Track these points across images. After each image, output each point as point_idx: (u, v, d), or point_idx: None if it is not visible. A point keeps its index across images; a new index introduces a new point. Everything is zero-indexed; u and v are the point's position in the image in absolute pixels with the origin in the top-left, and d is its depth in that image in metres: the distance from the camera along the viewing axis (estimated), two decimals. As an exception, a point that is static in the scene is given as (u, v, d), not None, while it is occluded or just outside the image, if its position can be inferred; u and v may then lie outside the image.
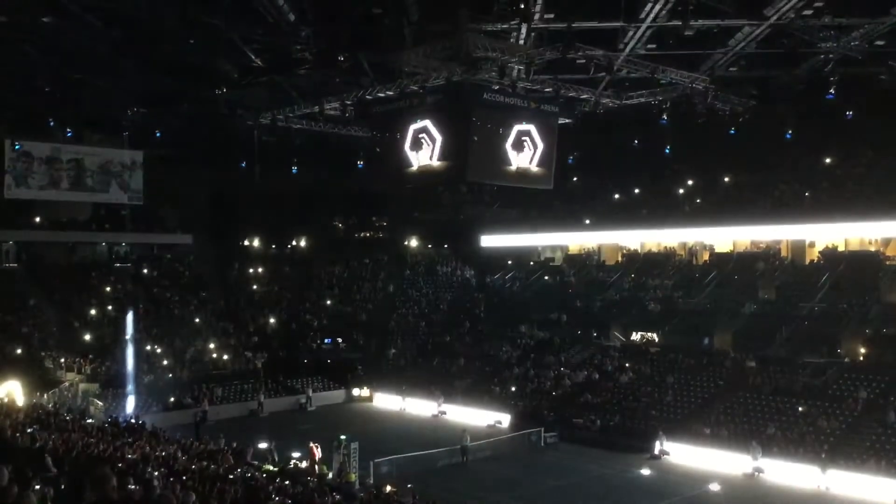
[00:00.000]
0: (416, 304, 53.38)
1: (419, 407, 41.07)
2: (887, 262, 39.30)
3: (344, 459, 27.11)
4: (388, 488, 22.49)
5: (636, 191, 51.32)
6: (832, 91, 32.67)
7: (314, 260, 58.41)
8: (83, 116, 43.64)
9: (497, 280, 53.72)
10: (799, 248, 43.17)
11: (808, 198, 42.28)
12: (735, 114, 35.85)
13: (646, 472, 29.36)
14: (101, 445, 18.21)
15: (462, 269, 56.85)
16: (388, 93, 29.47)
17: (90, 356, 40.05)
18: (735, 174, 46.83)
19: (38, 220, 47.48)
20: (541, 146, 28.91)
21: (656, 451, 31.62)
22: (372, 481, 25.28)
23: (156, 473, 14.25)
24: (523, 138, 28.39)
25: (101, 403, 34.99)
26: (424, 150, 27.89)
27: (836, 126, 40.41)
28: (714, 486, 26.85)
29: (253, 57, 31.43)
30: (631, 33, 27.21)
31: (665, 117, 33.66)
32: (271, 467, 22.80)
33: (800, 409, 31.68)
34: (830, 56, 30.68)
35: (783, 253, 43.90)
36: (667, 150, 43.27)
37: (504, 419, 37.64)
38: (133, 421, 30.63)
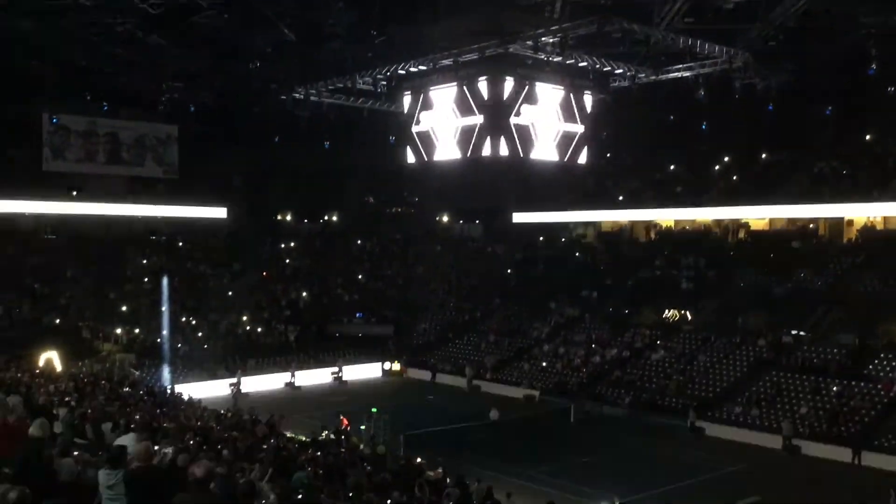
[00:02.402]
0: (446, 280, 53.46)
1: (449, 381, 41.30)
2: (928, 242, 38.59)
3: (375, 432, 27.40)
4: (418, 460, 22.70)
5: (671, 167, 50.70)
6: (873, 66, 31.93)
7: (346, 235, 58.71)
8: (119, 91, 44.02)
9: (528, 257, 53.55)
10: (836, 226, 42.45)
11: (847, 175, 41.49)
12: (773, 89, 35.17)
13: (675, 449, 29.29)
14: (139, 415, 18.56)
15: (493, 246, 56.74)
16: (420, 67, 29.31)
17: (126, 327, 40.75)
18: (772, 151, 46.04)
19: (75, 192, 48.13)
20: (574, 122, 28.63)
21: (686, 429, 31.53)
22: (402, 453, 25.48)
23: (191, 442, 14.51)
24: (557, 113, 28.12)
25: (137, 373, 35.62)
26: (457, 124, 27.75)
27: (876, 102, 39.57)
28: (743, 465, 26.75)
29: (286, 31, 31.42)
30: (668, 7, 26.75)
31: (702, 93, 33.09)
32: (303, 438, 23.11)
33: (834, 388, 31.37)
34: (872, 31, 29.94)
35: (820, 231, 43.21)
36: (703, 127, 42.62)
37: (534, 395, 37.74)
38: (169, 391, 31.22)
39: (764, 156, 46.65)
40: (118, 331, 40.21)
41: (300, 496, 10.36)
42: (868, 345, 33.31)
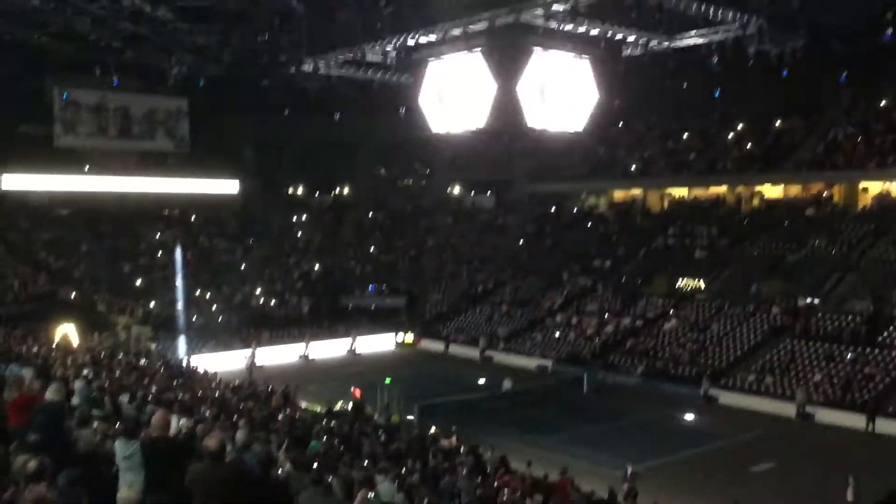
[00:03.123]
0: (458, 251, 53.47)
1: (462, 352, 41.44)
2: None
3: (389, 402, 27.58)
4: (432, 429, 22.87)
5: (684, 136, 50.25)
6: (888, 32, 31.47)
7: (357, 207, 58.75)
8: (128, 65, 43.95)
9: (540, 227, 53.42)
10: (851, 193, 42.07)
11: (862, 142, 41.03)
12: (787, 55, 34.70)
13: (690, 416, 29.38)
14: (155, 386, 18.76)
15: (505, 217, 56.64)
16: (430, 37, 29.05)
17: (141, 300, 41.07)
18: (786, 118, 45.53)
19: (87, 167, 48.29)
20: (586, 91, 28.37)
21: (700, 397, 31.60)
22: (416, 423, 25.67)
23: (207, 413, 14.66)
24: (568, 83, 27.86)
25: (153, 346, 35.92)
26: (467, 95, 27.56)
27: (891, 68, 39.03)
28: (758, 432, 26.81)
29: (295, 2, 31.23)
30: (680, -29, 26.34)
31: (715, 60, 32.67)
32: (318, 408, 23.30)
33: (848, 356, 31.29)
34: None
35: (835, 199, 42.84)
36: (716, 94, 42.16)
37: (547, 365, 37.85)
38: (185, 363, 31.51)
39: (778, 123, 46.11)
40: (132, 304, 40.50)
41: (315, 465, 10.45)
42: (882, 312, 33.15)
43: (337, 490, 7.70)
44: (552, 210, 54.26)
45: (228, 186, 52.20)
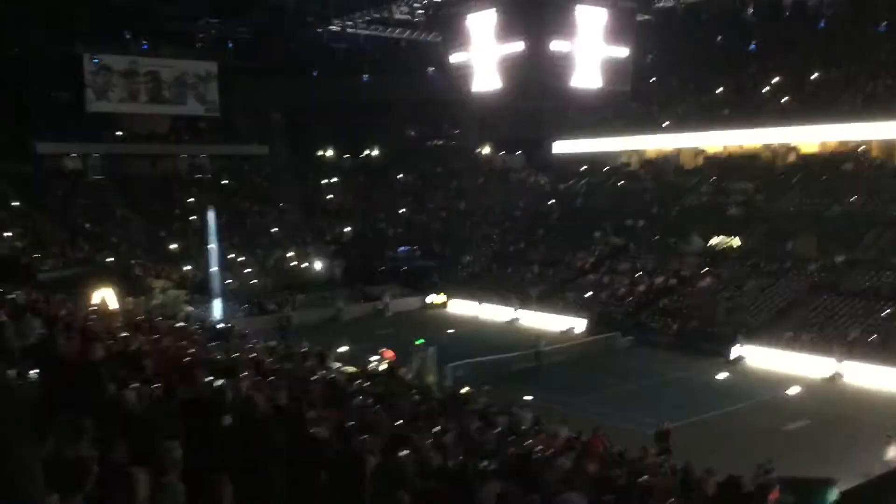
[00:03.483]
0: (489, 212, 53.32)
1: (494, 313, 41.51)
2: None
3: (421, 362, 27.77)
4: (465, 389, 23.01)
5: (718, 90, 49.24)
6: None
7: (387, 169, 58.70)
8: (157, 29, 44.06)
9: (571, 186, 53.01)
10: (890, 147, 41.07)
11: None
12: (824, 6, 33.83)
13: (723, 375, 29.24)
14: (192, 349, 19.03)
15: (536, 176, 56.25)
16: (458, -6, 28.74)
17: (177, 264, 41.63)
18: (824, 70, 44.35)
19: (119, 133, 48.71)
20: (619, 45, 27.91)
21: (734, 356, 31.41)
22: (449, 383, 25.84)
23: (244, 374, 14.85)
24: (599, 37, 27.42)
25: (190, 308, 36.43)
26: (496, 52, 27.25)
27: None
28: (794, 390, 26.62)
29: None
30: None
31: (750, 10, 31.92)
32: (351, 368, 23.52)
33: (885, 311, 30.84)
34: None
35: (873, 153, 41.87)
36: (751, 47, 41.23)
37: (579, 325, 37.80)
38: (221, 325, 31.95)
39: (815, 75, 44.96)
40: (168, 267, 41.07)
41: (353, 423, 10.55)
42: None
43: (373, 449, 7.79)
44: (583, 169, 53.71)
45: (259, 150, 52.36)
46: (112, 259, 41.00)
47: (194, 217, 46.18)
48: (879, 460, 18.72)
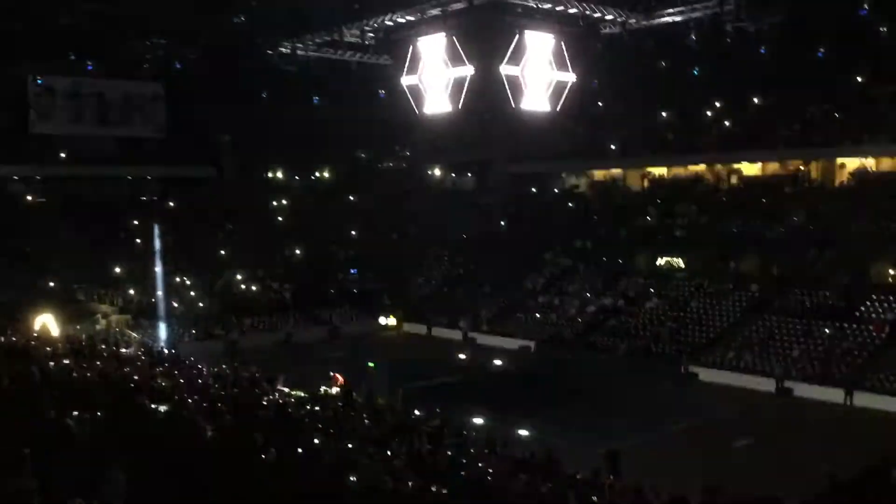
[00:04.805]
0: (440, 234, 53.41)
1: (445, 334, 41.51)
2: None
3: (372, 385, 27.55)
4: (416, 412, 22.90)
5: (663, 115, 50.29)
6: (865, 7, 31.62)
7: (338, 190, 58.47)
8: (103, 50, 43.42)
9: (521, 208, 53.44)
10: (829, 170, 42.39)
11: (839, 118, 41.25)
12: (765, 33, 34.80)
13: (670, 394, 29.65)
14: (137, 375, 18.65)
15: (486, 198, 56.56)
16: (408, 18, 28.92)
17: (121, 288, 40.77)
18: (764, 96, 45.68)
19: (63, 155, 47.71)
20: (566, 70, 28.38)
21: (681, 375, 31.88)
22: (400, 406, 25.68)
23: (190, 401, 14.60)
24: (548, 62, 27.85)
25: (134, 334, 35.70)
26: (446, 75, 27.48)
27: (868, 43, 39.25)
28: (731, 410, 27.15)
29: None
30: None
31: (693, 37, 32.73)
32: (302, 393, 23.24)
33: (826, 331, 31.65)
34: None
35: (812, 175, 43.14)
36: (695, 72, 42.19)
37: (530, 346, 38.00)
38: (167, 351, 31.31)
39: (756, 101, 46.25)
40: (112, 292, 40.22)
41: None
42: (860, 287, 33.53)
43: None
44: (533, 191, 54.24)
45: (207, 171, 51.72)
46: (54, 284, 40.00)
47: (139, 240, 45.35)
48: (822, 476, 19.12)
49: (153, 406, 11.16)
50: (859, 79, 42.51)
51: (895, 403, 26.23)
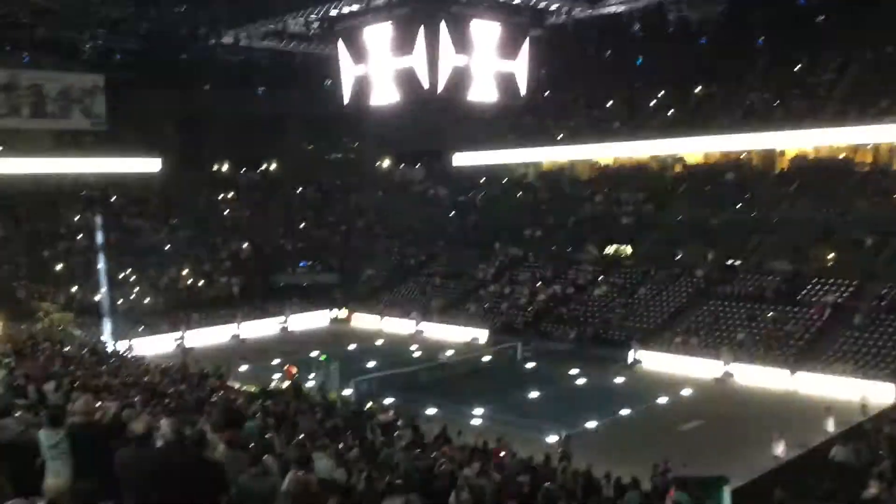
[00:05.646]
0: (389, 225, 53.26)
1: (396, 326, 41.47)
2: (856, 169, 39.73)
3: (324, 378, 27.45)
4: (369, 405, 22.88)
5: (608, 104, 50.82)
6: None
7: (285, 183, 57.86)
8: (39, 41, 42.13)
9: (470, 198, 53.57)
10: (769, 157, 43.33)
11: (778, 106, 42.17)
12: (705, 22, 35.38)
13: (620, 379, 30.10)
14: (80, 373, 18.24)
15: (435, 188, 56.56)
16: (352, 7, 28.65)
17: (63, 285, 39.78)
18: (706, 84, 46.46)
19: (0, 149, 46.26)
20: (511, 59, 28.45)
21: (630, 360, 32.37)
22: (353, 399, 25.64)
23: (137, 398, 14.31)
24: (493, 52, 27.88)
25: (78, 332, 34.87)
26: (393, 66, 27.33)
27: (806, 32, 40.17)
28: (679, 393, 27.70)
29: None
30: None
31: (637, 27, 33.12)
32: (252, 388, 23.02)
33: (769, 314, 32.41)
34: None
35: (753, 162, 44.07)
36: (638, 62, 42.68)
37: (481, 335, 38.18)
38: (111, 348, 30.72)
39: (698, 89, 47.00)
40: (53, 289, 39.21)
41: (252, 445, 10.32)
42: (801, 271, 34.40)
43: (273, 470, 7.61)
44: (482, 181, 54.38)
45: (150, 165, 50.69)
46: (-8, 282, 38.87)
47: (81, 236, 44.27)
48: (769, 456, 19.66)
49: (98, 404, 10.88)
50: (798, 66, 43.52)
51: (837, 384, 26.95)
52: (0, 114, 45.18)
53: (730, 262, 36.92)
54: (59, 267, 41.76)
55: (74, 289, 39.86)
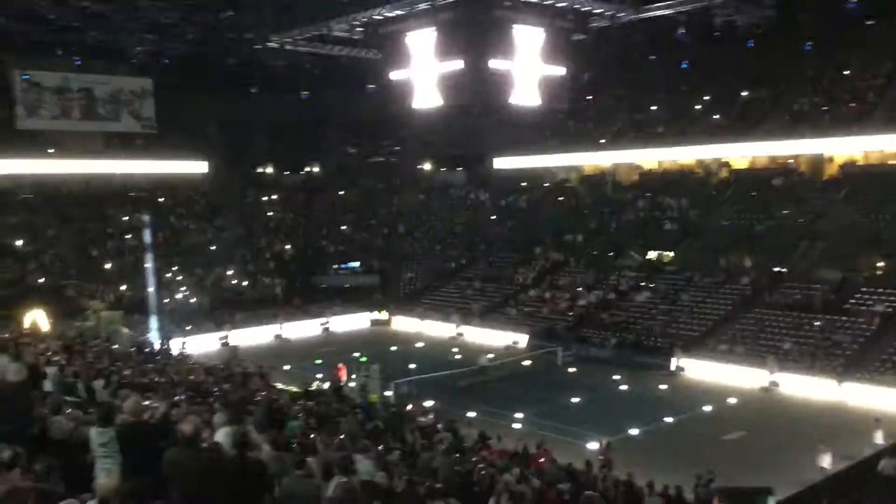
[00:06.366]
0: (431, 228, 53.41)
1: (437, 329, 41.53)
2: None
3: (365, 380, 27.61)
4: (409, 407, 22.93)
5: (652, 108, 50.37)
6: (853, 0, 31.70)
7: (328, 186, 58.38)
8: (90, 45, 43.13)
9: (512, 202, 53.49)
10: (817, 163, 42.53)
11: (827, 111, 41.42)
12: (753, 26, 34.91)
13: (663, 387, 29.76)
14: (127, 371, 18.60)
15: (476, 192, 56.59)
16: (397, 12, 28.78)
17: (111, 284, 40.59)
18: (753, 88, 45.79)
19: (51, 150, 47.43)
20: (556, 63, 28.33)
21: (672, 368, 32.00)
22: (393, 401, 25.73)
23: (183, 397, 14.56)
24: (537, 56, 27.79)
25: (125, 330, 35.51)
26: (436, 70, 27.39)
27: (856, 36, 39.39)
28: (722, 403, 27.26)
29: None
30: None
31: (682, 30, 32.76)
32: (295, 389, 23.21)
33: (816, 323, 31.80)
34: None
35: (801, 168, 43.30)
36: (684, 65, 42.22)
37: (521, 340, 38.06)
38: (158, 347, 31.25)
39: (744, 93, 46.34)
40: (102, 288, 40.01)
41: (294, 445, 10.46)
42: (849, 279, 33.69)
43: (316, 472, 7.69)
44: (523, 185, 54.26)
45: (196, 167, 51.56)
46: (43, 280, 39.79)
47: (129, 236, 45.16)
48: (814, 468, 19.27)
49: (145, 402, 11.09)
50: (847, 71, 42.70)
51: (886, 395, 26.34)
52: (52, 116, 46.34)
53: (776, 269, 36.29)
54: (107, 266, 42.62)
55: (122, 288, 40.64)
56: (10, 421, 7.00)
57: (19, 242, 42.63)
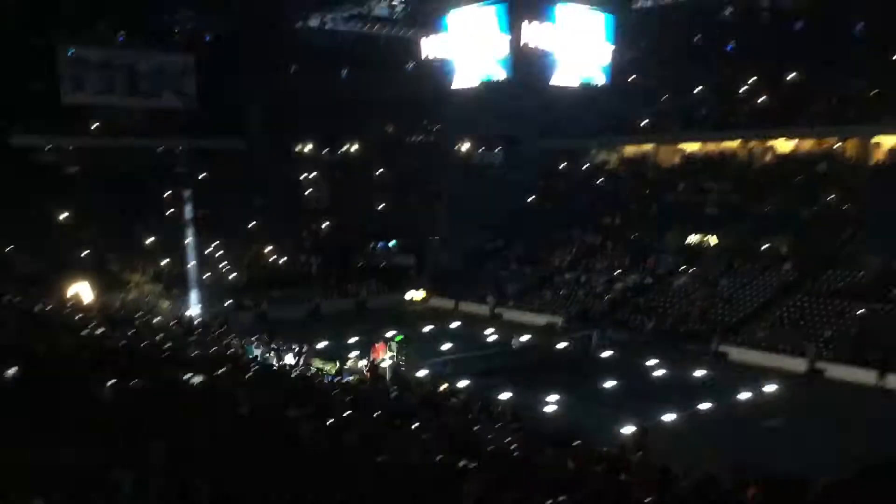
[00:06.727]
0: (468, 209, 53.23)
1: (472, 309, 41.54)
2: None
3: (399, 359, 27.74)
4: (444, 386, 23.03)
5: (696, 90, 49.45)
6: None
7: (366, 165, 58.43)
8: (133, 21, 43.57)
9: (549, 184, 53.07)
10: (864, 148, 41.55)
11: (875, 96, 40.35)
12: (801, 7, 34.09)
13: (700, 373, 29.47)
14: (168, 343, 18.92)
15: (514, 173, 56.20)
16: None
17: (154, 258, 41.24)
18: (800, 71, 44.74)
19: (94, 125, 48.08)
20: (598, 43, 28.03)
21: (711, 353, 31.66)
22: (428, 380, 25.83)
23: (223, 370, 14.77)
24: (580, 36, 27.50)
25: (167, 303, 36.08)
26: (476, 50, 27.25)
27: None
28: (761, 390, 26.92)
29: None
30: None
31: (728, 10, 32.12)
32: (330, 365, 23.45)
33: (858, 311, 31.22)
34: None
35: (847, 153, 42.34)
36: (729, 47, 41.40)
37: (556, 322, 37.93)
38: (198, 320, 31.72)
39: (791, 76, 45.29)
40: (144, 262, 40.69)
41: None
42: (893, 268, 32.98)
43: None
44: (562, 166, 53.82)
45: (236, 144, 51.94)
46: (87, 253, 40.50)
47: (171, 211, 45.73)
48: (855, 457, 18.98)
49: (185, 377, 11.27)
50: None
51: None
52: (95, 91, 46.92)
53: (819, 256, 35.64)
54: (149, 241, 43.27)
55: (164, 262, 41.25)
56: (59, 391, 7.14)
57: (63, 216, 43.39)
